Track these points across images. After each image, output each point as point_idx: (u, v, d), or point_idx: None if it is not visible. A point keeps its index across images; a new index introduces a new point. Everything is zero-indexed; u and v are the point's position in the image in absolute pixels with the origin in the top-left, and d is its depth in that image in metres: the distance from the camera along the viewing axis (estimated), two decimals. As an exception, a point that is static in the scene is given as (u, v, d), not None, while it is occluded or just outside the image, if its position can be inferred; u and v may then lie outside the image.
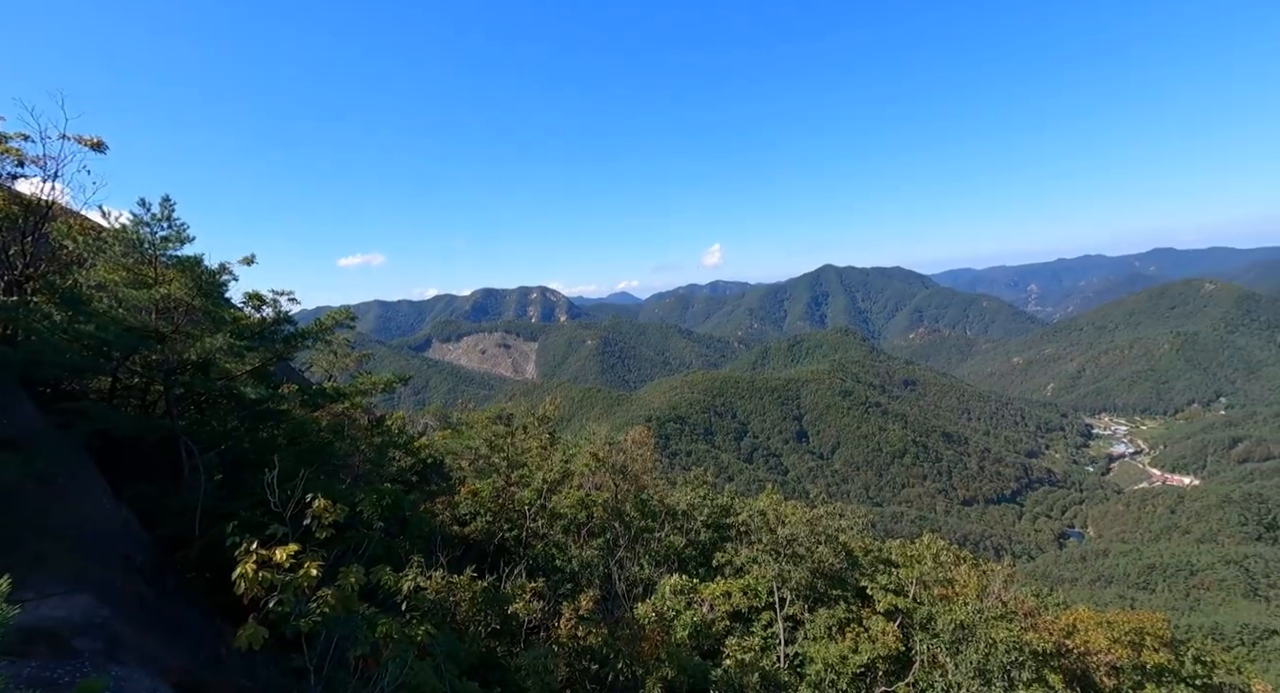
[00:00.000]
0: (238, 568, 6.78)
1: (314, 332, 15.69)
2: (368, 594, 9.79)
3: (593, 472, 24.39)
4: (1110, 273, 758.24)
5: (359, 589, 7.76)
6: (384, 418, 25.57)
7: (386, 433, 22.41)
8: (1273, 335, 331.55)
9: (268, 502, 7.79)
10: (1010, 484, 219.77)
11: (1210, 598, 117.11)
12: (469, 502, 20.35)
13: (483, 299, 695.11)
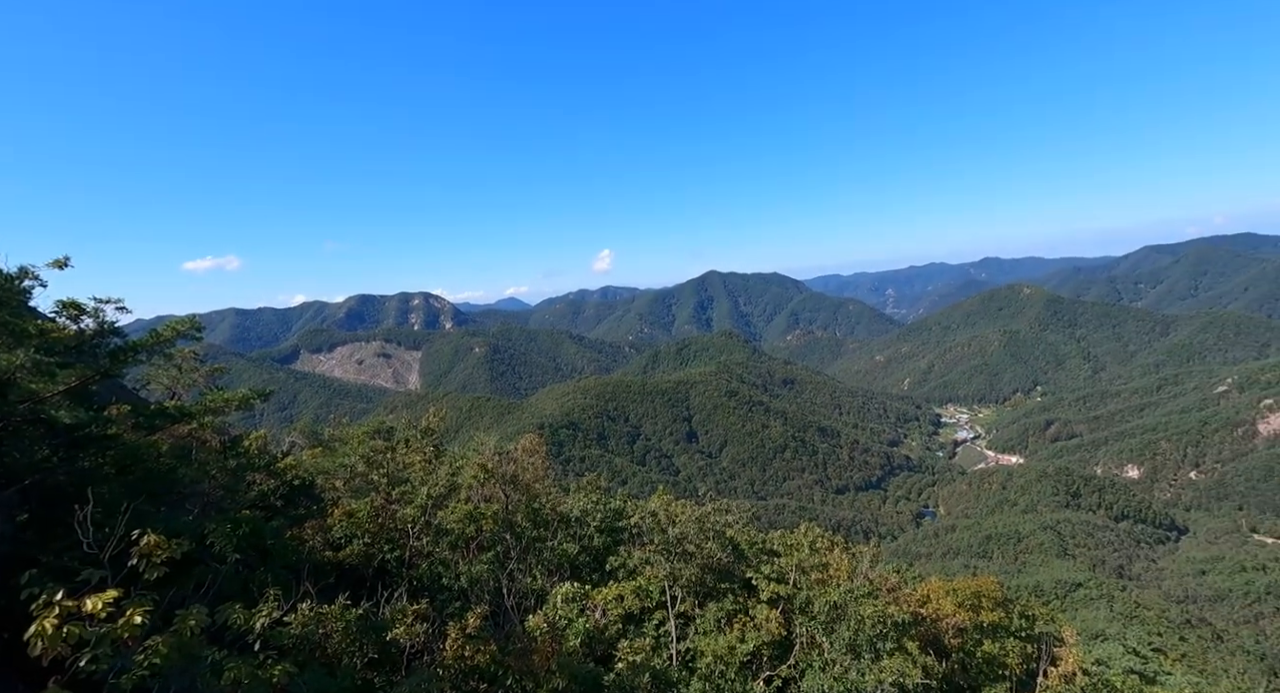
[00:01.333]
0: (33, 625, 5.61)
1: (149, 344, 13.81)
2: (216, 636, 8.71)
3: (481, 484, 23.59)
4: (951, 279, 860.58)
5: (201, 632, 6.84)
6: (240, 438, 23.03)
7: (243, 455, 20.23)
8: (1073, 332, 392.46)
9: (84, 543, 6.66)
10: (876, 472, 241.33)
11: (1033, 560, 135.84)
12: (344, 524, 18.89)
13: (358, 306, 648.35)
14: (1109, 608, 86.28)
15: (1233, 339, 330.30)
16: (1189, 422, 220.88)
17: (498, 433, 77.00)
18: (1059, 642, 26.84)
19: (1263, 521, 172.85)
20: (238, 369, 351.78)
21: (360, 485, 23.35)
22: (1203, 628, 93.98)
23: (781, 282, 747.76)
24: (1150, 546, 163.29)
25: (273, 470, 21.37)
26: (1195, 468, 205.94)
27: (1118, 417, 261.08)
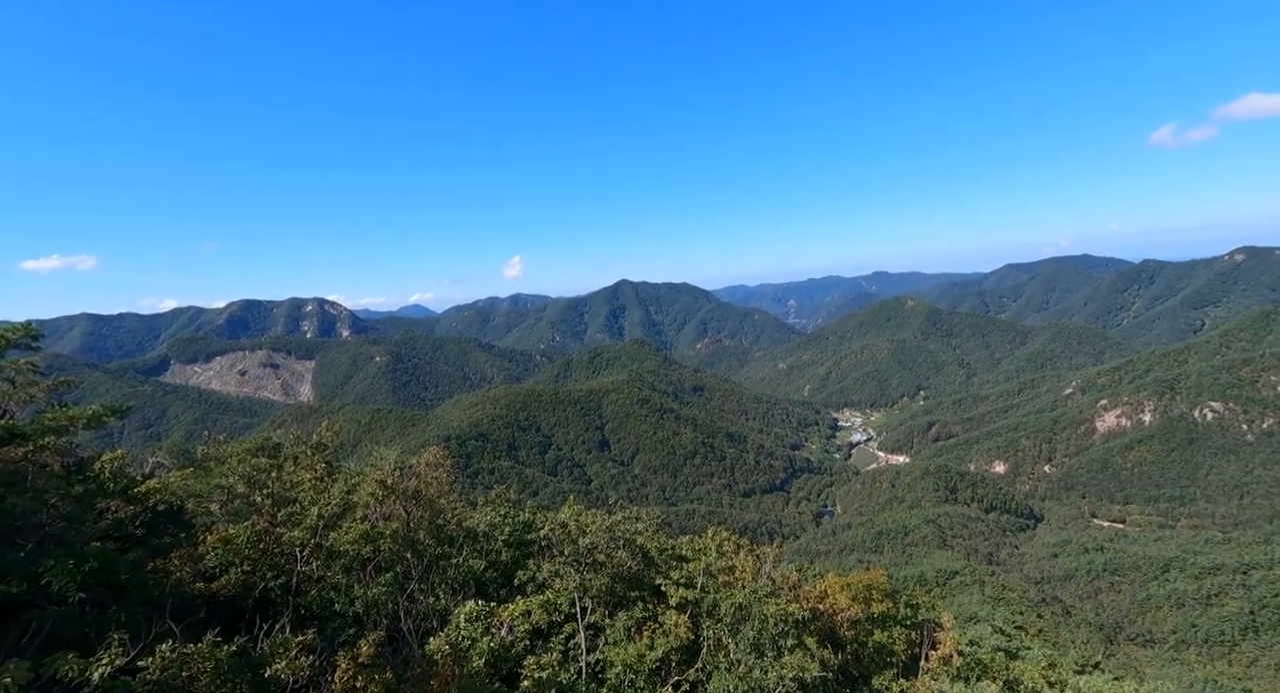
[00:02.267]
0: None
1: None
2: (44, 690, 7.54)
3: (380, 501, 22.27)
4: (846, 291, 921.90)
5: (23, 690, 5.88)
6: (91, 461, 20.32)
7: (93, 479, 17.88)
8: (950, 341, 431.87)
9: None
10: (780, 474, 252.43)
11: (918, 552, 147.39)
12: (219, 552, 17.14)
13: (241, 312, 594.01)
14: (981, 592, 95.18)
15: (1076, 347, 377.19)
16: (1043, 421, 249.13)
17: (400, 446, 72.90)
18: (939, 627, 29.18)
19: (1101, 507, 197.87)
20: (91, 382, 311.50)
21: (240, 508, 21.34)
22: (1055, 605, 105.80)
23: (691, 291, 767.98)
24: (1014, 533, 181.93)
25: (131, 496, 19.04)
26: (1048, 462, 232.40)
27: (987, 417, 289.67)
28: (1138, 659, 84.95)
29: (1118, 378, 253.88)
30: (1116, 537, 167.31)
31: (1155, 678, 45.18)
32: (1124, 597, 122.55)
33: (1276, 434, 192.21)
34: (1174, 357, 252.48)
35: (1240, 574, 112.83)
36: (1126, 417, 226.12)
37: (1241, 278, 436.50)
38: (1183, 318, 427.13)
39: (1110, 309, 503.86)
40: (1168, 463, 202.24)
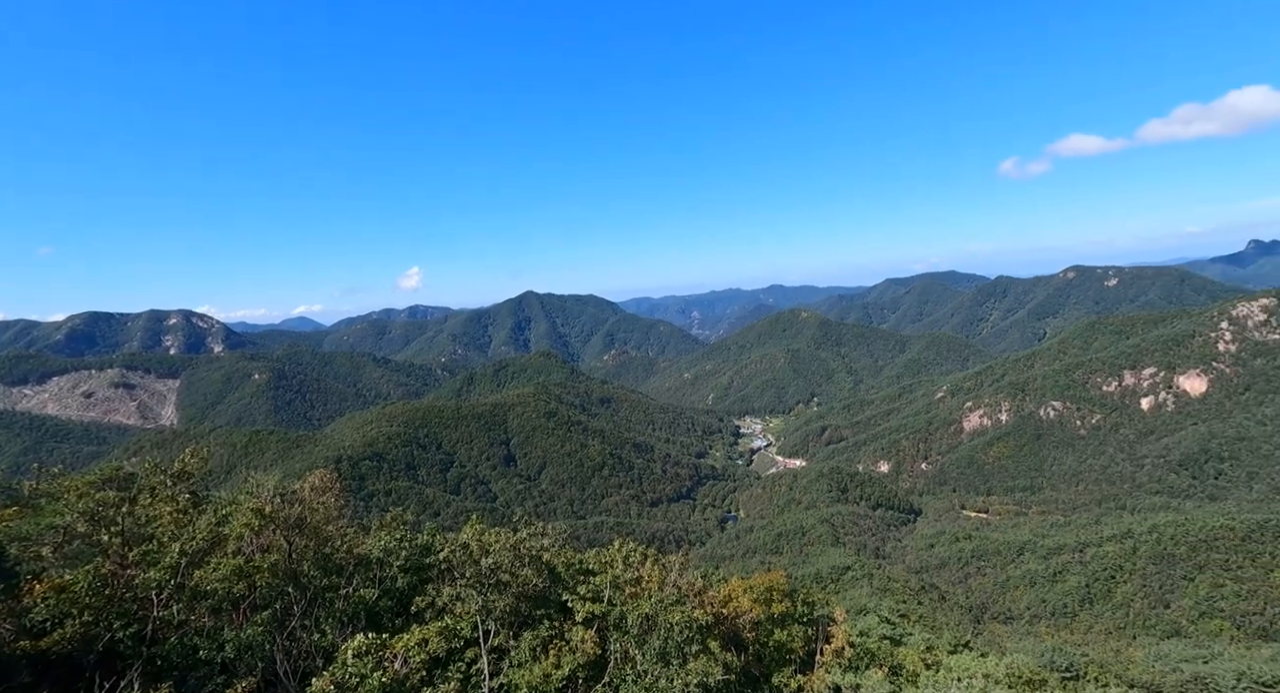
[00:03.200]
0: None
1: None
2: None
3: (256, 532, 20.35)
4: (746, 303, 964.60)
5: None
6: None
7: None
8: (839, 350, 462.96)
9: None
10: (686, 482, 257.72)
11: (814, 550, 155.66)
12: (50, 602, 14.88)
13: (86, 327, 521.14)
14: (870, 584, 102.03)
15: (946, 354, 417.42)
16: (919, 422, 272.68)
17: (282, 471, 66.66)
18: (832, 621, 30.95)
19: (968, 499, 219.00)
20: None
21: (80, 550, 18.69)
22: (932, 591, 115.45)
23: (598, 303, 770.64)
24: (897, 527, 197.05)
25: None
26: (925, 460, 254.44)
27: (872, 421, 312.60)
28: (1000, 635, 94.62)
29: (980, 382, 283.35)
30: (982, 526, 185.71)
31: (1013, 651, 50.43)
32: (989, 580, 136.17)
33: (1102, 428, 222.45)
34: (1023, 362, 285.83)
35: (1078, 552, 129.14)
36: (987, 416, 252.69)
37: (1073, 293, 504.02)
38: (1030, 328, 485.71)
39: (973, 320, 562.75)
40: (1020, 457, 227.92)
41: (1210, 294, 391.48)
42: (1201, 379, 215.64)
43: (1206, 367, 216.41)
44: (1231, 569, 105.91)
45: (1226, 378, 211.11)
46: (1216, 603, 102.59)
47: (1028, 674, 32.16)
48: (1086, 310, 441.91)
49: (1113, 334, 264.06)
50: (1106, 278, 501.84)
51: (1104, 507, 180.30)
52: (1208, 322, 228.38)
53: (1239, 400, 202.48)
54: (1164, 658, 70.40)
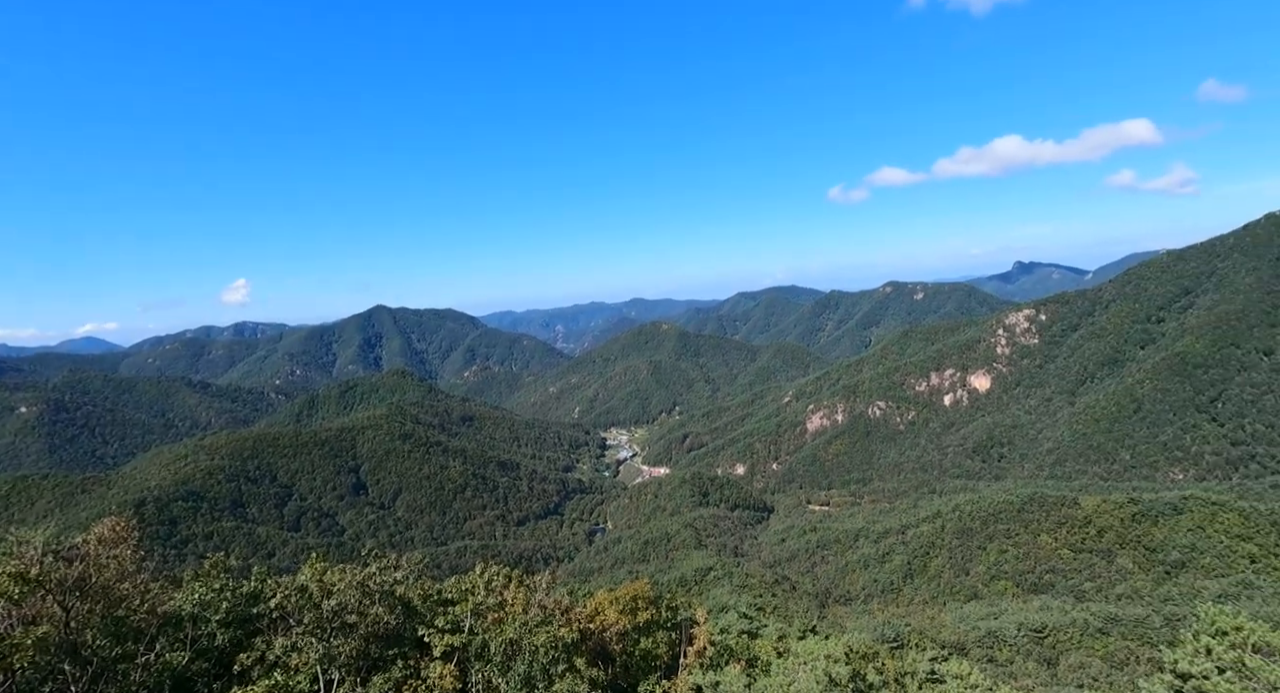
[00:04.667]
0: None
1: None
2: None
3: (17, 602, 16.62)
4: (609, 316, 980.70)
5: None
6: None
7: None
8: (698, 361, 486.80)
9: None
10: (554, 498, 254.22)
11: (679, 555, 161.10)
12: None
13: None
14: (730, 583, 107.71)
15: (791, 362, 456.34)
16: (770, 426, 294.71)
17: (60, 522, 55.80)
18: (695, 623, 32.18)
19: (813, 494, 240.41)
20: None
21: None
22: (785, 583, 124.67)
23: (457, 317, 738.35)
24: (753, 526, 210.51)
25: None
26: (775, 461, 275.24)
27: (729, 426, 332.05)
28: (842, 616, 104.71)
29: (819, 386, 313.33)
30: (824, 517, 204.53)
31: (852, 629, 55.99)
32: (831, 566, 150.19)
33: (917, 424, 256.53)
34: (854, 367, 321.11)
35: (900, 534, 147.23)
36: (827, 417, 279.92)
37: (891, 305, 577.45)
38: (858, 336, 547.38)
39: (812, 330, 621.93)
40: (854, 453, 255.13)
41: (990, 306, 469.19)
42: (986, 378, 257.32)
43: (990, 367, 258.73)
44: (1011, 537, 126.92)
45: (1004, 376, 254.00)
46: (1002, 567, 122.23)
47: (862, 649, 35.78)
48: (901, 321, 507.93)
49: (921, 341, 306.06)
50: (915, 292, 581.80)
51: (920, 492, 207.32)
52: (988, 329, 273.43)
53: (1012, 394, 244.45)
54: (966, 619, 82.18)
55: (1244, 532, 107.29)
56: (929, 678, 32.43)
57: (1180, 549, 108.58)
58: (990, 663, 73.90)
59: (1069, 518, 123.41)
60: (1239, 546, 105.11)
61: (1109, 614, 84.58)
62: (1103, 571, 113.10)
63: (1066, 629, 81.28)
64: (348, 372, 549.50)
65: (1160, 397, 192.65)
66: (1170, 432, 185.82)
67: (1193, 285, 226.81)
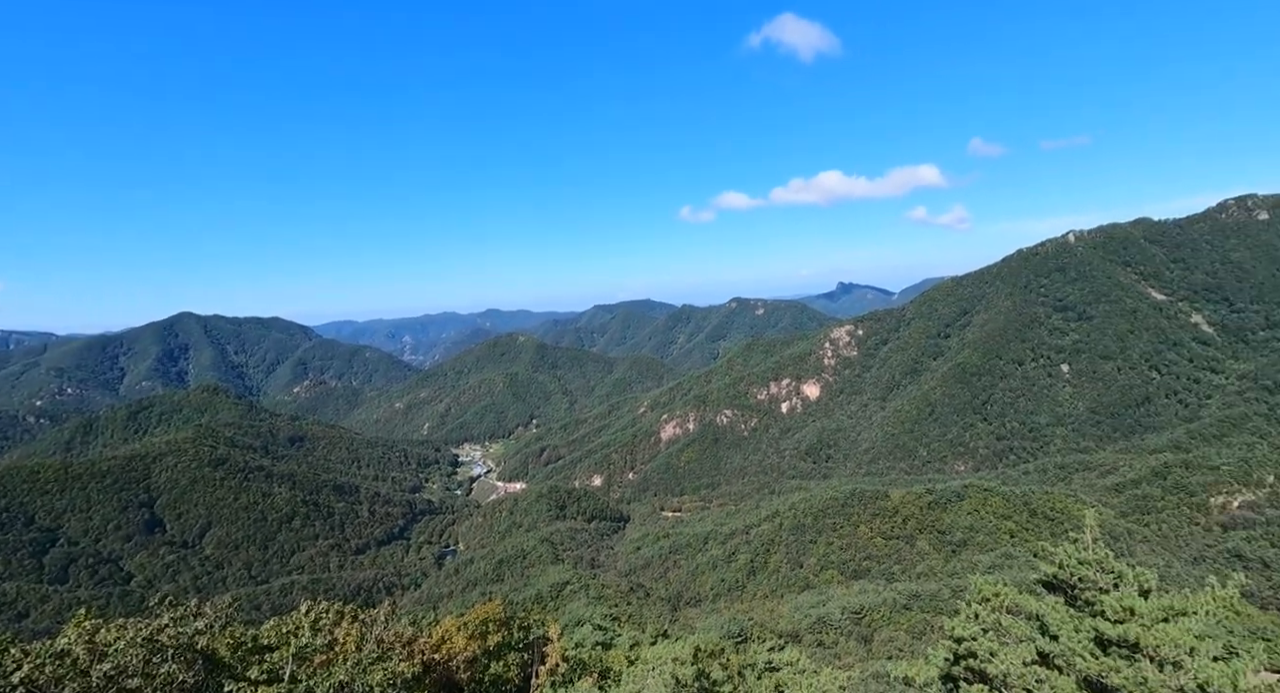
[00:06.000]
0: None
1: None
2: None
3: None
4: (462, 327, 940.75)
5: None
6: None
7: None
8: (555, 373, 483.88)
9: None
10: (399, 522, 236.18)
11: (535, 572, 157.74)
12: None
13: None
14: (587, 595, 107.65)
15: (646, 373, 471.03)
16: (626, 436, 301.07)
17: None
18: (548, 640, 31.70)
19: (667, 501, 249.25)
20: None
21: None
22: (640, 590, 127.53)
23: (285, 327, 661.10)
24: (610, 536, 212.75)
25: None
26: (631, 470, 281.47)
27: (586, 438, 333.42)
28: (692, 617, 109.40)
29: (673, 396, 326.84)
30: (677, 523, 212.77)
31: (701, 629, 58.72)
32: (683, 570, 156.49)
33: (759, 430, 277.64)
34: (704, 378, 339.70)
35: (744, 534, 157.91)
36: (679, 426, 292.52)
37: (736, 320, 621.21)
38: (707, 349, 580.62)
39: (666, 343, 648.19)
40: (705, 459, 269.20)
41: (818, 322, 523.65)
42: (816, 386, 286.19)
43: (819, 377, 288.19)
44: (837, 529, 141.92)
45: (830, 385, 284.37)
46: (830, 557, 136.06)
47: (709, 647, 37.68)
48: (745, 334, 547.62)
49: (762, 354, 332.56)
50: (756, 308, 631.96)
51: (761, 493, 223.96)
52: (817, 343, 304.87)
53: (837, 401, 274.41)
54: (800, 608, 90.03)
55: (1006, 512, 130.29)
56: (766, 668, 34.98)
57: (962, 530, 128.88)
58: (819, 646, 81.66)
59: (881, 509, 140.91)
60: (1002, 524, 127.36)
61: (912, 592, 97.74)
62: (907, 554, 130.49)
63: (879, 609, 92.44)
64: (140, 390, 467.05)
65: (947, 401, 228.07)
66: (955, 430, 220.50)
67: (969, 307, 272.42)
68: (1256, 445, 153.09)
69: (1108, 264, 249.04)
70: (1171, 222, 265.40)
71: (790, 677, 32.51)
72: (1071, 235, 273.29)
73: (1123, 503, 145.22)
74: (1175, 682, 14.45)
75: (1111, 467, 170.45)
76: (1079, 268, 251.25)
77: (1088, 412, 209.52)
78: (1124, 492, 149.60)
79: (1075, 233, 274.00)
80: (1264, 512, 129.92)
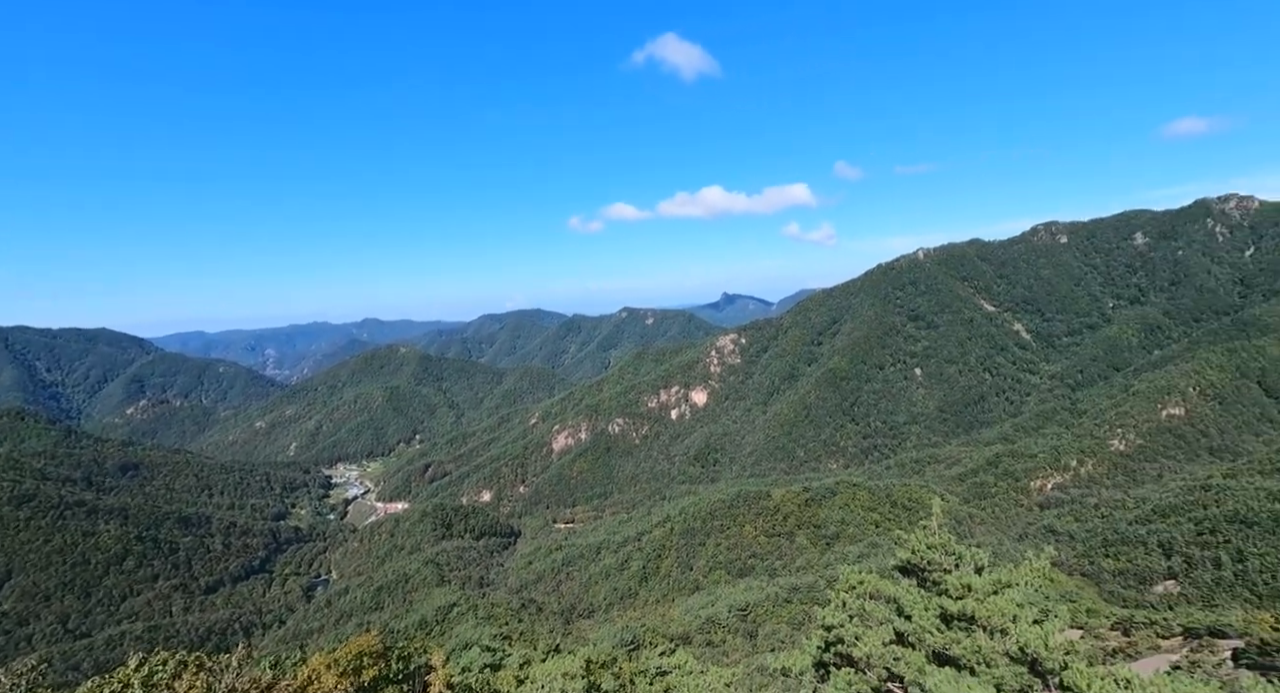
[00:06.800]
0: None
1: None
2: None
3: None
4: (335, 338, 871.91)
5: None
6: None
7: None
8: (440, 385, 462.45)
9: None
10: (259, 554, 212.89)
11: (419, 596, 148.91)
12: None
13: None
14: (475, 616, 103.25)
15: (537, 384, 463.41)
16: (516, 448, 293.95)
17: None
18: (430, 669, 29.91)
19: (559, 513, 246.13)
20: None
21: None
22: (531, 606, 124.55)
23: (115, 340, 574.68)
24: (500, 553, 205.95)
25: None
26: (522, 483, 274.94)
27: (474, 452, 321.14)
28: (586, 629, 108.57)
29: (564, 407, 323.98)
30: (570, 535, 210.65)
31: (594, 641, 58.40)
32: (576, 582, 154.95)
33: (650, 437, 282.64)
34: (596, 387, 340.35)
35: (637, 542, 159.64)
36: (571, 436, 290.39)
37: (626, 329, 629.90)
38: (599, 358, 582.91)
39: (556, 352, 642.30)
40: (597, 468, 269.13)
41: (705, 331, 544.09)
42: (704, 393, 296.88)
43: (706, 384, 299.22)
44: (724, 530, 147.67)
45: (717, 391, 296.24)
46: (718, 558, 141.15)
47: (601, 658, 37.51)
48: (635, 343, 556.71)
49: (652, 362, 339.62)
50: (646, 318, 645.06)
51: (653, 500, 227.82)
52: (704, 351, 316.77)
53: (723, 407, 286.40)
54: (690, 610, 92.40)
55: (872, 504, 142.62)
56: (657, 673, 35.42)
57: (835, 524, 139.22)
58: (709, 646, 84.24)
59: (764, 509, 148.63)
60: (869, 516, 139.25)
61: (791, 585, 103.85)
62: (788, 549, 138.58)
63: (763, 604, 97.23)
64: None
65: (821, 404, 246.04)
66: (827, 431, 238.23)
67: (838, 316, 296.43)
68: (1063, 435, 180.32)
69: (950, 279, 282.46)
70: (997, 243, 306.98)
71: (679, 679, 33.17)
72: (921, 252, 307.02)
73: (965, 490, 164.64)
74: (1003, 646, 16.53)
75: (955, 459, 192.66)
76: (927, 282, 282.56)
77: (937, 410, 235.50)
78: (965, 480, 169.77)
79: (924, 250, 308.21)
80: (1069, 492, 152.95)
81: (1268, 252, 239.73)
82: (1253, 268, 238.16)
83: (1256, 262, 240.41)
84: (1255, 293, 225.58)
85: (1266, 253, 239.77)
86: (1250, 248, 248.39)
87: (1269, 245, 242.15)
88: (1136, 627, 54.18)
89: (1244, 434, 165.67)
